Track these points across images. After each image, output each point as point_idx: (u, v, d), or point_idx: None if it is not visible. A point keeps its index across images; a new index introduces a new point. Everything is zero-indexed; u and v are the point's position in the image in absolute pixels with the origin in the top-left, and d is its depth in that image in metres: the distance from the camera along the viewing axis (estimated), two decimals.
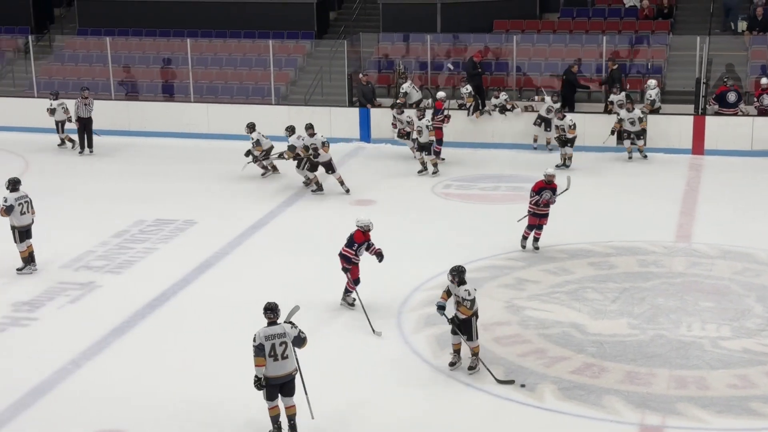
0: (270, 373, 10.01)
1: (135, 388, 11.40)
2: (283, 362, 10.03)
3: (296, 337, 10.13)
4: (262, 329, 10.09)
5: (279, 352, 9.98)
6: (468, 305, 11.41)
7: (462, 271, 11.46)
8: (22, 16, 28.71)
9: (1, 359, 12.22)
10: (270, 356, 9.97)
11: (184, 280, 14.78)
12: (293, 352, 10.12)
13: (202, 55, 26.17)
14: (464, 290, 11.41)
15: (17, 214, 14.86)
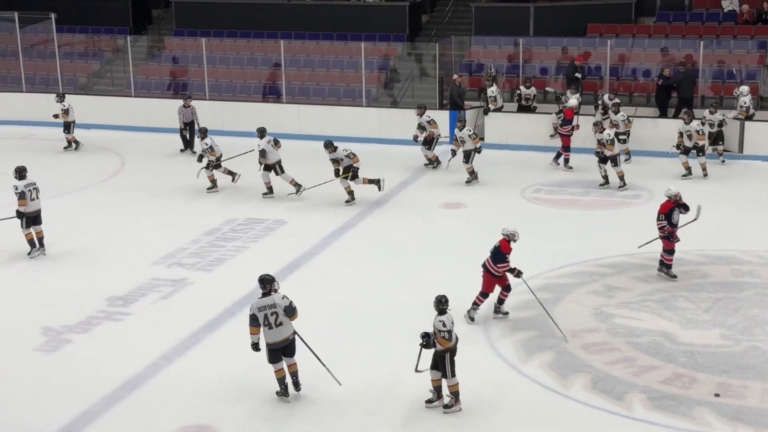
0: (269, 340, 10.90)
1: (223, 384, 11.56)
2: (278, 329, 10.87)
3: (287, 307, 10.90)
4: (256, 301, 10.96)
5: (272, 320, 10.83)
6: (446, 336, 10.67)
7: (439, 300, 10.80)
8: (122, 17, 29.37)
9: (95, 353, 12.50)
10: (265, 325, 10.85)
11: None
12: (287, 320, 10.90)
13: (295, 57, 26.42)
14: (439, 320, 10.70)
15: (27, 201, 15.52)
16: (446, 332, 10.67)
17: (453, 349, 10.76)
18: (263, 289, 10.99)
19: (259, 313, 10.88)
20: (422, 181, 20.18)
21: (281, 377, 11.13)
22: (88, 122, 25.24)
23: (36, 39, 27.97)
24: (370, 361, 12.13)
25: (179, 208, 18.53)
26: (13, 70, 27.28)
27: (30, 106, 25.99)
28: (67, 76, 27.02)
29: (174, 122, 23.33)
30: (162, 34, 29.27)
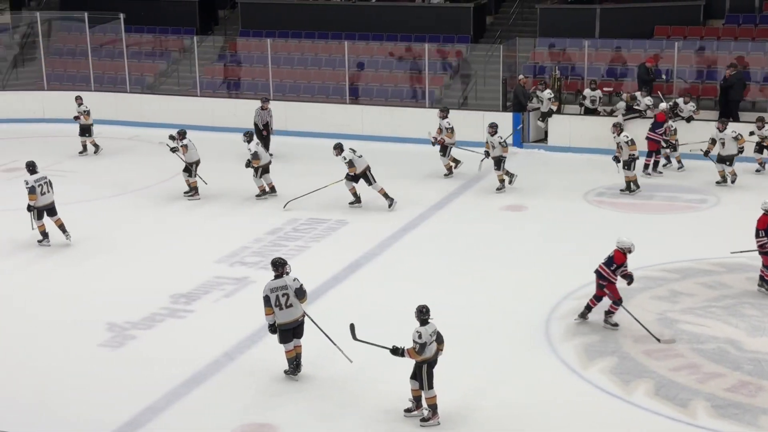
0: (280, 320, 11.40)
1: (284, 383, 11.63)
2: (289, 310, 11.41)
3: (297, 289, 11.45)
4: (268, 282, 11.48)
5: (282, 302, 11.36)
6: (416, 348, 10.44)
7: (420, 310, 10.59)
8: (189, 17, 29.70)
9: (159, 349, 12.66)
10: (276, 306, 11.34)
11: (334, 278, 14.99)
12: (297, 302, 11.41)
13: (359, 58, 26.49)
14: (416, 331, 10.49)
15: (38, 195, 16.11)
16: (419, 345, 10.44)
17: (431, 361, 10.55)
18: (275, 272, 11.50)
19: (271, 294, 11.40)
20: (484, 183, 20.10)
21: (291, 357, 11.63)
22: (155, 121, 25.62)
23: (105, 39, 28.41)
24: None
25: (242, 207, 18.68)
26: (83, 69, 27.74)
27: (98, 104, 26.37)
28: (134, 76, 27.40)
29: (238, 122, 23.53)
30: (228, 35, 29.54)
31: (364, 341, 11.10)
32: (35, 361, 12.35)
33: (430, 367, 10.57)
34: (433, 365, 10.58)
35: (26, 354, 12.56)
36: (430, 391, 10.59)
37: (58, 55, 28.83)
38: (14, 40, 29.41)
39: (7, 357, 12.48)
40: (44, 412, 11.03)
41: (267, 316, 11.49)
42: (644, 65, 23.03)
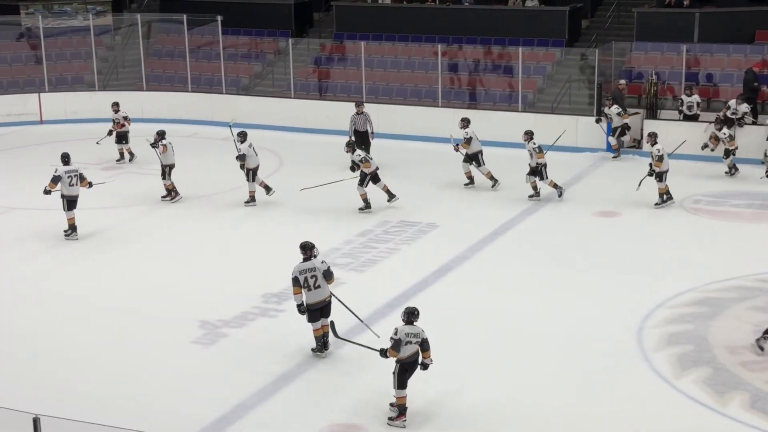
0: (308, 301, 11.99)
1: (373, 384, 11.67)
2: (317, 291, 11.99)
3: (325, 271, 12.03)
4: (298, 264, 12.03)
5: (311, 283, 11.93)
6: (392, 344, 10.55)
7: (411, 312, 10.72)
8: (284, 20, 30.02)
9: (250, 348, 12.81)
10: (304, 287, 11.91)
11: (424, 281, 14.99)
12: (325, 283, 11.97)
13: (452, 61, 26.45)
14: (394, 328, 10.65)
15: (66, 185, 16.67)
16: (393, 341, 10.53)
17: (405, 362, 10.63)
18: (304, 255, 12.09)
19: (300, 275, 11.97)
20: (577, 187, 19.89)
21: (319, 335, 12.25)
22: (250, 122, 25.93)
23: (202, 40, 28.90)
24: (516, 369, 12.04)
25: (333, 209, 18.79)
26: (180, 70, 28.26)
27: (195, 105, 26.90)
28: (230, 77, 27.81)
29: (331, 124, 23.71)
30: (322, 37, 29.78)
31: (348, 340, 11.72)
32: (129, 356, 12.61)
33: (403, 367, 10.65)
34: (408, 368, 10.68)
35: (121, 348, 12.84)
36: (400, 391, 10.69)
37: (157, 56, 29.44)
38: (115, 41, 30.13)
39: (103, 350, 12.78)
40: (137, 406, 11.25)
41: (295, 296, 12.06)
42: (752, 70, 22.50)
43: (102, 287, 15.00)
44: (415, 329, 10.67)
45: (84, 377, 12.00)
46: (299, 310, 12.14)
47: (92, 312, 14.01)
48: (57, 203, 17.07)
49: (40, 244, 17.01)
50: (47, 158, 20.21)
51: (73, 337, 13.19)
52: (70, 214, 16.95)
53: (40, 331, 13.37)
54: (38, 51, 28.22)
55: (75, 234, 17.05)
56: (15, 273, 15.74)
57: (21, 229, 17.86)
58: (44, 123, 26.78)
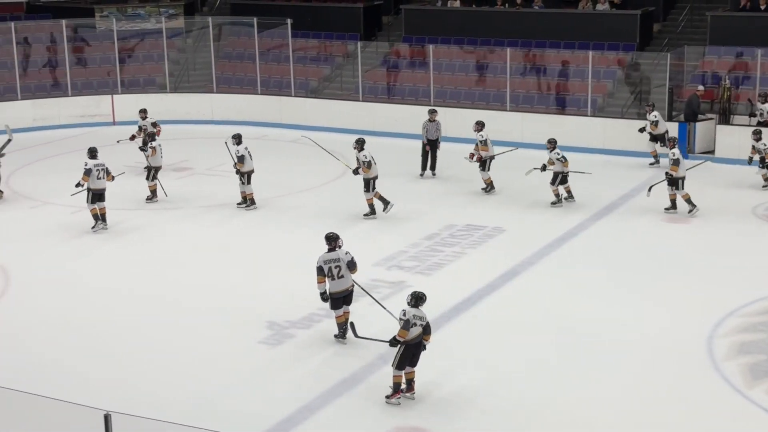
0: (332, 289, 12.56)
1: (436, 388, 11.65)
2: (340, 281, 12.55)
3: (349, 261, 12.60)
4: (323, 255, 12.61)
5: (335, 273, 12.51)
6: (402, 325, 11.11)
7: (419, 297, 11.22)
8: (353, 23, 30.15)
9: (316, 349, 12.87)
10: (328, 276, 12.48)
11: (490, 286, 14.93)
12: (348, 273, 12.52)
13: (521, 64, 26.33)
14: (401, 310, 11.22)
15: (94, 179, 17.37)
16: (403, 321, 11.04)
17: (410, 344, 11.08)
18: (329, 246, 12.67)
19: (324, 265, 12.57)
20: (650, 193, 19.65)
21: (341, 322, 12.79)
22: (318, 124, 26.11)
23: (272, 43, 29.13)
24: (583, 378, 11.93)
25: (400, 211, 18.80)
26: (250, 72, 28.54)
27: (265, 107, 27.13)
28: (299, 80, 28.01)
29: (399, 127, 23.72)
30: (391, 41, 29.84)
31: (365, 338, 12.04)
32: (198, 354, 12.76)
33: (407, 349, 11.11)
34: (412, 349, 11.13)
35: (189, 346, 13.00)
36: (397, 371, 11.19)
37: (227, 59, 29.76)
38: (187, 44, 30.54)
39: (171, 348, 12.94)
40: (204, 405, 11.37)
41: (319, 284, 12.62)
42: None
43: (171, 287, 15.18)
44: (421, 312, 11.20)
45: (153, 375, 12.16)
46: (322, 298, 12.72)
47: (161, 311, 14.19)
48: (127, 204, 17.34)
49: (113, 242, 17.29)
50: (119, 159, 20.53)
51: (142, 335, 13.38)
52: (93, 206, 17.57)
53: (111, 330, 13.58)
54: (112, 53, 28.70)
55: (102, 224, 17.58)
56: (88, 273, 16.01)
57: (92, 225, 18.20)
58: (116, 124, 27.23)
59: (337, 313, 12.85)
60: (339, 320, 12.87)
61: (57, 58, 28.76)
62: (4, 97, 27.40)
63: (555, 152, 18.75)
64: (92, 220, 17.64)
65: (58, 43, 28.90)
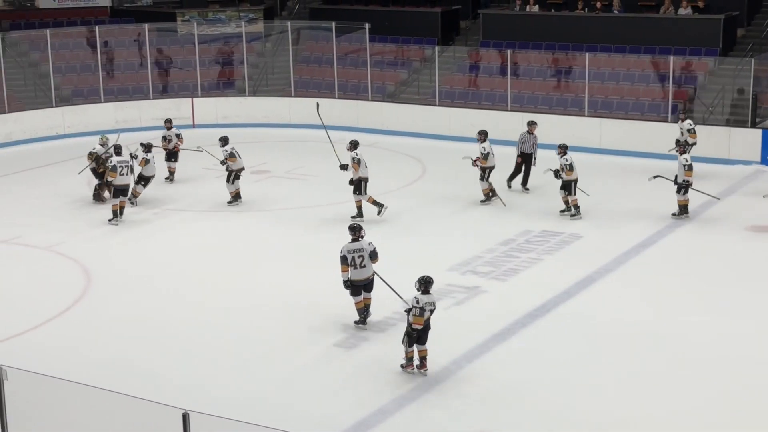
0: (354, 278, 13.24)
1: (510, 393, 11.60)
2: (361, 270, 13.23)
3: (371, 252, 13.28)
4: (347, 244, 13.31)
5: (357, 262, 13.19)
6: (416, 312, 11.83)
7: (428, 281, 11.91)
8: (431, 28, 30.15)
9: (390, 353, 12.84)
10: (351, 265, 13.15)
11: (566, 293, 14.80)
12: (370, 263, 13.22)
13: (599, 70, 26.07)
14: (414, 298, 11.92)
15: (118, 174, 18.17)
16: (418, 309, 11.80)
17: (418, 327, 11.82)
18: (353, 236, 13.34)
19: (348, 254, 13.23)
20: (730, 200, 19.29)
21: (360, 308, 13.46)
22: (395, 129, 26.18)
23: (350, 48, 29.31)
24: (666, 390, 11.76)
25: (475, 217, 18.76)
26: (328, 76, 28.74)
27: (342, 111, 27.27)
28: (376, 84, 28.12)
29: (475, 132, 23.58)
30: (468, 45, 29.78)
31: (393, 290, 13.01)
32: (274, 356, 12.88)
33: (414, 331, 11.88)
34: (419, 331, 11.88)
35: (266, 347, 13.12)
36: (408, 348, 12.04)
37: (305, 63, 30.00)
38: (266, 48, 30.87)
39: (247, 350, 13.08)
40: (279, 406, 11.46)
41: (342, 273, 13.29)
42: None
43: (249, 288, 15.34)
44: (432, 298, 11.98)
45: (229, 375, 12.31)
46: (345, 285, 13.36)
47: (239, 312, 14.34)
48: (199, 206, 17.52)
49: (193, 245, 17.55)
50: (198, 162, 20.81)
51: (220, 336, 13.54)
52: (115, 202, 18.38)
53: (189, 330, 13.78)
54: (192, 57, 29.15)
55: (118, 219, 18.38)
56: (166, 274, 16.27)
57: (172, 228, 18.49)
58: (196, 127, 27.63)
59: (357, 299, 13.46)
60: (358, 306, 13.49)
61: (139, 62, 29.30)
62: (87, 99, 28.00)
63: (565, 158, 18.36)
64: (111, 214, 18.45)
65: (141, 47, 29.45)
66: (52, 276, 16.09)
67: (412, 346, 12.04)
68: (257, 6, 31.77)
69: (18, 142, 25.92)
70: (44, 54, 28.21)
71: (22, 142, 25.96)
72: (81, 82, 28.64)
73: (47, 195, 20.73)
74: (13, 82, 27.44)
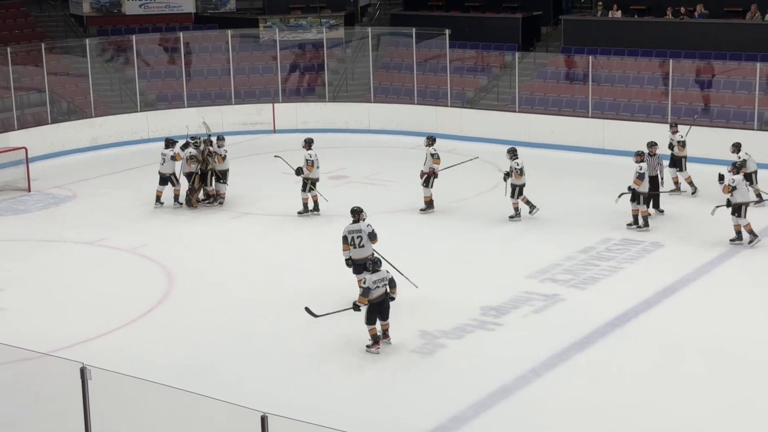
0: (354, 256, 14.32)
1: (587, 404, 11.47)
2: (360, 249, 14.23)
3: (370, 233, 14.30)
4: (348, 225, 14.39)
5: (356, 242, 14.24)
6: (362, 292, 12.87)
7: (373, 261, 12.97)
8: (512, 34, 30.00)
9: (468, 360, 12.87)
10: (351, 245, 14.27)
11: (646, 302, 14.61)
12: (369, 243, 14.22)
13: (683, 76, 25.67)
14: (361, 278, 13.24)
15: (159, 164, 19.97)
16: (363, 289, 12.84)
17: (374, 302, 12.85)
18: (353, 218, 14.33)
19: (348, 234, 14.29)
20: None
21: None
22: (473, 135, 26.11)
23: (430, 54, 29.28)
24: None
25: (553, 224, 18.59)
26: (407, 82, 28.78)
27: (421, 117, 27.27)
28: (455, 90, 28.07)
29: (555, 139, 23.45)
30: (549, 51, 29.57)
31: (327, 314, 13.32)
32: (351, 361, 12.94)
33: (372, 307, 12.86)
34: (376, 307, 12.88)
35: (342, 352, 13.18)
36: (369, 326, 12.96)
37: (385, 69, 30.09)
38: (346, 54, 31.05)
39: (325, 353, 13.16)
40: (356, 410, 11.51)
41: (344, 252, 14.39)
42: None
43: (325, 293, 15.39)
44: (381, 274, 12.92)
45: (306, 380, 12.39)
46: (347, 264, 14.38)
47: (315, 321, 14.43)
48: (277, 211, 17.63)
49: (266, 249, 17.72)
50: (277, 167, 20.99)
51: (298, 341, 13.64)
52: (160, 188, 20.03)
53: (268, 334, 13.93)
54: (274, 63, 29.46)
55: (159, 203, 20.01)
56: (246, 277, 16.45)
57: (252, 234, 18.69)
58: (276, 132, 27.92)
59: (359, 278, 14.14)
60: (359, 284, 14.02)
61: (221, 67, 29.72)
62: (171, 104, 28.49)
63: (516, 162, 18.42)
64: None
65: (223, 53, 29.87)
66: (135, 278, 16.40)
67: (373, 323, 12.98)
68: (338, 12, 31.98)
69: (103, 146, 26.49)
70: (130, 59, 28.81)
71: (107, 146, 26.52)
72: (165, 87, 29.16)
73: (131, 198, 21.13)
74: (100, 87, 28.05)
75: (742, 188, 16.90)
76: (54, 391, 10.85)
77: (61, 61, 28.83)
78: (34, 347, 11.86)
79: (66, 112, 27.43)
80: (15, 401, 11.28)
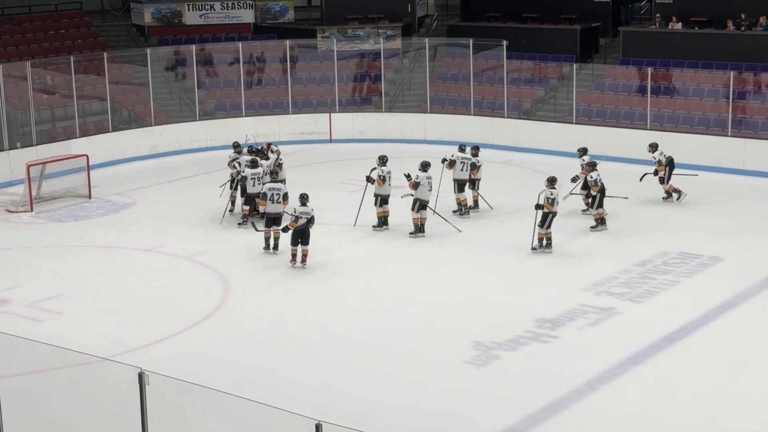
0: (269, 210, 17.51)
1: (638, 420, 11.37)
2: (276, 205, 17.52)
3: (284, 194, 17.74)
4: (268, 183, 17.90)
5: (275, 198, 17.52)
6: (292, 219, 16.44)
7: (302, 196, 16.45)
8: (569, 45, 29.85)
9: (522, 372, 12.82)
10: (270, 200, 17.47)
11: (705, 317, 14.44)
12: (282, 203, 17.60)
13: (744, 89, 25.32)
14: (292, 208, 16.72)
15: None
16: (293, 217, 16.42)
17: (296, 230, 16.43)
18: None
19: (269, 192, 17.59)
20: None
21: (267, 237, 17.62)
22: (529, 146, 26.01)
23: (487, 65, 29.24)
24: None
25: (609, 237, 18.46)
26: (464, 93, 28.75)
27: (477, 128, 27.19)
28: (512, 101, 27.98)
29: (613, 151, 23.22)
30: (608, 63, 29.36)
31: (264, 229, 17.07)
32: (403, 369, 12.96)
33: (295, 233, 16.47)
34: (299, 233, 16.55)
35: (395, 361, 13.22)
36: (293, 246, 16.74)
37: (441, 80, 30.08)
38: (403, 64, 31.12)
39: (379, 363, 13.19)
40: (409, 420, 11.53)
41: (260, 206, 17.91)
42: None
43: (380, 301, 15.47)
44: (307, 209, 16.49)
45: (362, 389, 12.43)
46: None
47: (370, 326, 14.49)
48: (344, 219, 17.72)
49: (328, 258, 17.80)
50: (334, 176, 21.09)
51: (352, 349, 13.71)
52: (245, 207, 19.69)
53: (323, 342, 13.98)
54: (331, 73, 29.61)
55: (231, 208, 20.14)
56: (301, 286, 16.55)
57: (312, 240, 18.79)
58: (333, 142, 28.05)
59: (267, 233, 17.51)
60: (266, 235, 17.53)
61: (279, 77, 29.95)
62: (230, 113, 28.77)
63: (551, 191, 17.62)
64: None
65: (281, 63, 30.09)
66: (192, 285, 16.57)
67: (296, 244, 16.55)
68: (396, 23, 32.08)
69: (162, 154, 26.82)
70: (189, 69, 29.16)
71: (166, 154, 26.84)
72: (223, 96, 29.46)
73: (189, 205, 21.37)
74: (160, 96, 28.41)
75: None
76: (112, 396, 11.00)
77: (123, 70, 29.26)
78: (93, 352, 12.06)
79: (126, 121, 27.83)
80: (74, 405, 11.45)
